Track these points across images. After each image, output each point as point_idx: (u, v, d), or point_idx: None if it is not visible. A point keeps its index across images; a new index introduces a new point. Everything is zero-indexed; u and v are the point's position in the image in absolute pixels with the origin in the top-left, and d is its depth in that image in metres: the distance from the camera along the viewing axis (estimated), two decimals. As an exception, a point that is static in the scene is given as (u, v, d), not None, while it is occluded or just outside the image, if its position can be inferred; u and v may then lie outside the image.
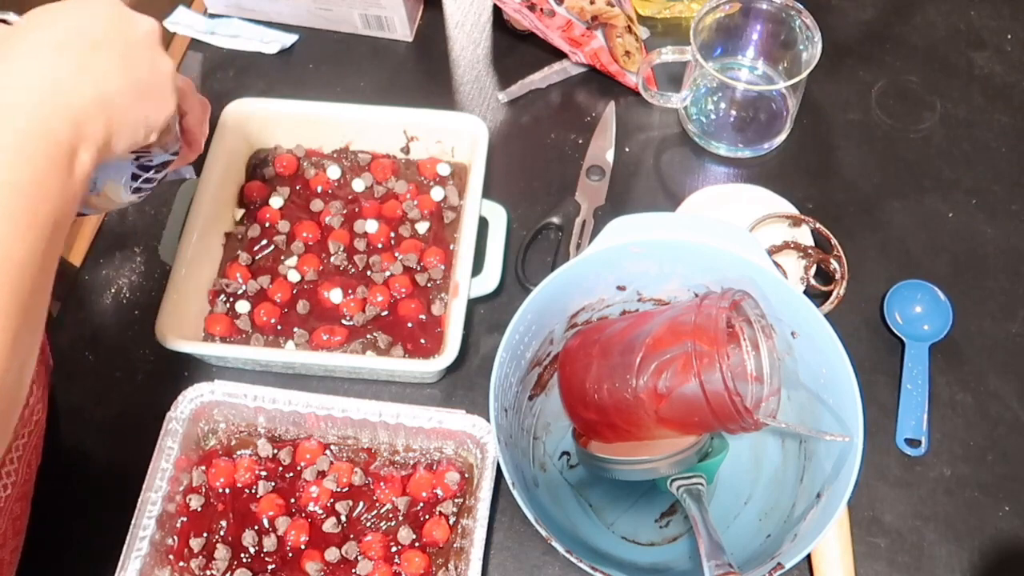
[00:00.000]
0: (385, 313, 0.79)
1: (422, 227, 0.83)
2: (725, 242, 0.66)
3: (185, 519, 0.70)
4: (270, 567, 0.69)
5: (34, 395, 0.68)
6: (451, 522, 0.70)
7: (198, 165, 0.82)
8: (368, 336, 0.78)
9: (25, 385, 0.50)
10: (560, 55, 0.94)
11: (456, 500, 0.71)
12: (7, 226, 0.46)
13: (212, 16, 0.99)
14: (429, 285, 0.80)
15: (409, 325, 0.79)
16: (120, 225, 0.86)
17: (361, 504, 0.71)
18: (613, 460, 0.67)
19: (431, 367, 0.74)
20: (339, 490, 0.71)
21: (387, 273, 0.81)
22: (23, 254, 0.47)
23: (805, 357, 0.67)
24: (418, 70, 0.96)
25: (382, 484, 0.72)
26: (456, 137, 0.85)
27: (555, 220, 0.85)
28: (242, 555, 0.69)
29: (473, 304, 0.79)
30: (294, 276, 0.81)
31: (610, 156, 0.89)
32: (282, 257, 0.82)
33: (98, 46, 0.53)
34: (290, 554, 0.69)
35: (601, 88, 0.93)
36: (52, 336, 0.81)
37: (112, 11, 0.55)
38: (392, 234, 0.83)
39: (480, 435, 0.70)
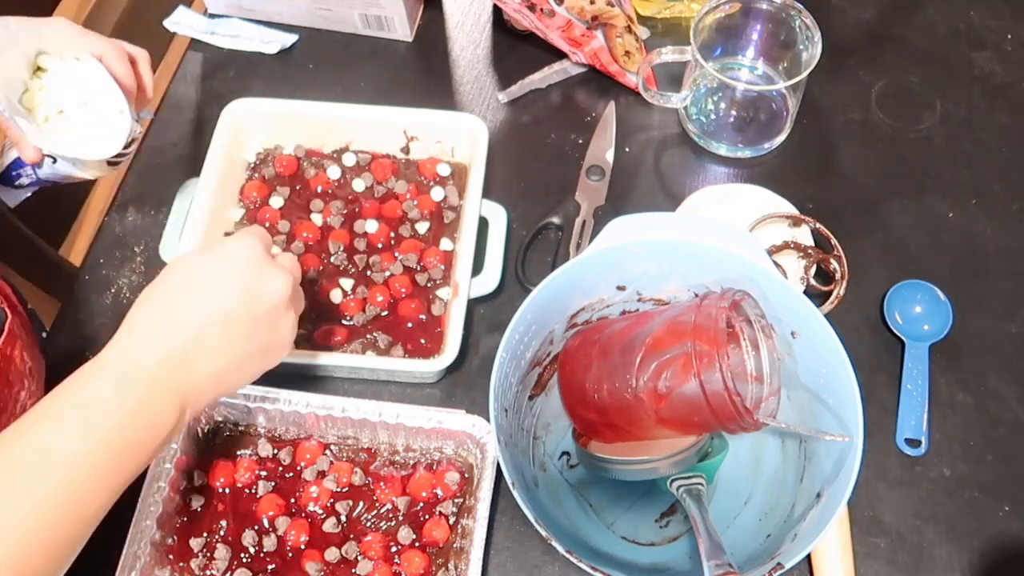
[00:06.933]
0: (385, 313, 0.79)
1: (422, 227, 0.83)
2: (725, 242, 0.66)
3: (185, 519, 0.70)
4: (270, 567, 0.69)
5: (26, 390, 0.68)
6: (451, 522, 0.70)
7: (198, 165, 0.82)
8: (368, 336, 0.78)
9: None
10: (560, 55, 0.94)
11: (456, 500, 0.71)
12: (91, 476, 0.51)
13: (212, 16, 0.99)
14: (429, 285, 0.80)
15: (409, 325, 0.78)
16: (120, 225, 0.86)
17: (361, 504, 0.71)
18: (613, 460, 0.67)
19: (431, 367, 0.74)
20: (339, 490, 0.71)
21: (387, 273, 0.81)
22: (102, 498, 0.53)
23: (805, 357, 0.67)
24: (418, 70, 0.96)
25: (382, 484, 0.72)
26: (456, 137, 0.85)
27: (555, 220, 0.85)
28: (242, 555, 0.69)
29: (473, 304, 0.79)
30: (294, 276, 0.81)
31: (610, 156, 0.89)
32: (282, 257, 0.82)
33: (225, 323, 0.56)
34: (290, 554, 0.69)
35: (601, 88, 0.93)
36: (53, 337, 0.81)
37: (241, 286, 0.58)
38: (392, 234, 0.83)
39: (480, 435, 0.70)
